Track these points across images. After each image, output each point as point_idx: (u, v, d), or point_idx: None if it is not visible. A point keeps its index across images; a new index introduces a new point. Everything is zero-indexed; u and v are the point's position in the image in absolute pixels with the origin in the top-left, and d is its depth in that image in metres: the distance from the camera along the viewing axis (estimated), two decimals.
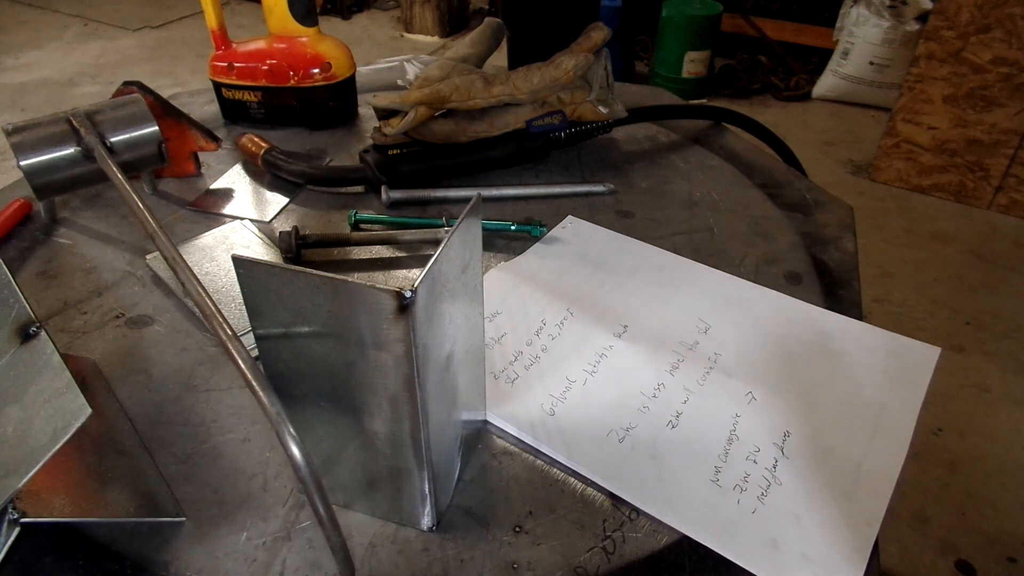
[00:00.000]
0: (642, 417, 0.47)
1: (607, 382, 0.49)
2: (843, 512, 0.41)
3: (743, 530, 0.40)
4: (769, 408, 0.47)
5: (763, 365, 0.51)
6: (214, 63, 0.83)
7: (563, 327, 0.54)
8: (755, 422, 0.46)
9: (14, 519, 0.36)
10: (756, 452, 0.44)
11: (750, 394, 0.48)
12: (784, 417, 0.47)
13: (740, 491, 0.42)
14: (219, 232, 0.65)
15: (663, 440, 0.45)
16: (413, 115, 0.69)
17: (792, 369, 0.51)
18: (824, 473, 0.43)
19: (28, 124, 0.62)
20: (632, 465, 0.44)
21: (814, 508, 0.41)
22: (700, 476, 0.43)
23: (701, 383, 0.49)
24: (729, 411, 0.47)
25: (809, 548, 0.39)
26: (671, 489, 0.42)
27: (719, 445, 0.45)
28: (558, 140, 0.75)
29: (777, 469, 0.43)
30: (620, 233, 0.66)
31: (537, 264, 0.62)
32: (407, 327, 0.31)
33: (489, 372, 0.50)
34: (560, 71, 0.71)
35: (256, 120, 0.86)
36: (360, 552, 0.40)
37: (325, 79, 0.82)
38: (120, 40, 3.44)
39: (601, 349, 0.52)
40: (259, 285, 0.33)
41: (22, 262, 0.63)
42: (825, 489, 0.42)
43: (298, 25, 0.80)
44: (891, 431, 0.46)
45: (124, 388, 0.50)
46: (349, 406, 0.36)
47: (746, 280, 0.60)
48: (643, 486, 0.42)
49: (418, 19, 3.48)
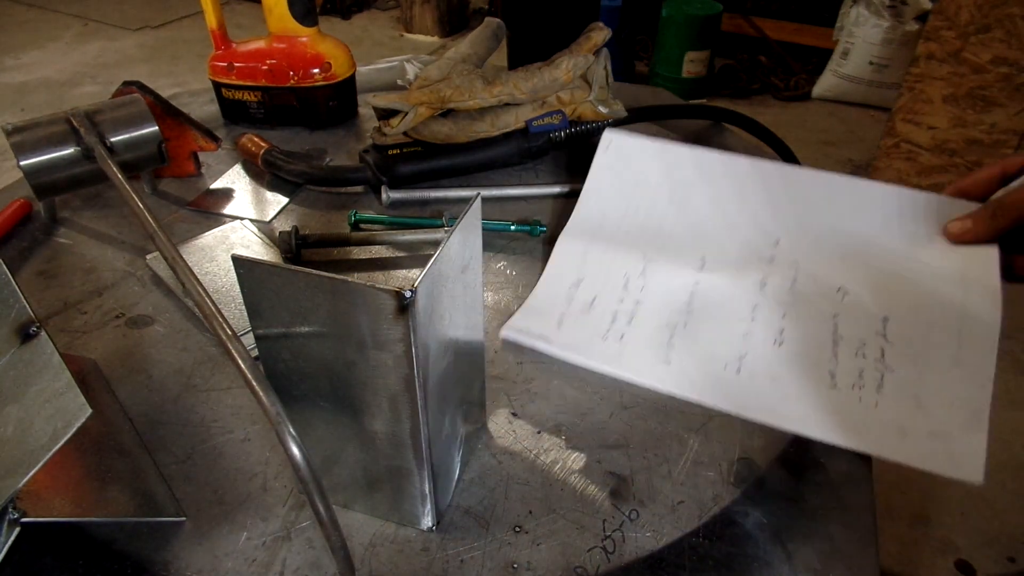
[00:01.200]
0: (749, 343, 0.47)
1: (706, 317, 0.49)
2: (955, 380, 0.42)
3: (872, 425, 0.41)
4: (862, 299, 0.47)
5: (842, 258, 0.51)
6: (214, 63, 0.83)
7: (646, 276, 0.53)
8: (853, 317, 0.47)
9: (14, 519, 0.36)
10: (863, 346, 0.45)
11: (841, 290, 0.48)
12: (878, 304, 0.47)
13: (858, 388, 0.43)
14: (219, 232, 0.65)
15: (775, 359, 0.46)
16: (413, 115, 0.69)
17: (870, 253, 0.51)
18: (929, 348, 0.44)
19: (28, 124, 0.62)
20: (757, 392, 0.44)
21: (929, 385, 0.42)
22: (819, 384, 0.43)
23: (792, 293, 0.49)
24: (827, 313, 0.47)
25: (933, 424, 0.40)
26: (798, 405, 0.43)
27: (827, 349, 0.45)
28: (558, 140, 0.75)
29: (886, 357, 0.44)
30: (657, 137, 0.64)
31: (597, 215, 0.61)
32: (407, 327, 0.31)
33: (595, 335, 0.50)
34: (560, 71, 0.71)
35: (256, 120, 0.86)
36: (360, 552, 0.40)
37: (325, 79, 0.82)
38: (120, 40, 3.45)
39: (689, 287, 0.51)
40: (259, 285, 0.33)
41: (22, 262, 0.63)
42: (934, 363, 0.43)
43: (298, 25, 0.80)
44: (979, 288, 0.46)
45: (124, 388, 0.50)
46: (349, 406, 0.36)
47: (794, 166, 0.59)
48: (775, 409, 0.43)
49: (418, 19, 3.48)
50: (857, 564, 0.40)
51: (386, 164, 0.71)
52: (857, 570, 0.39)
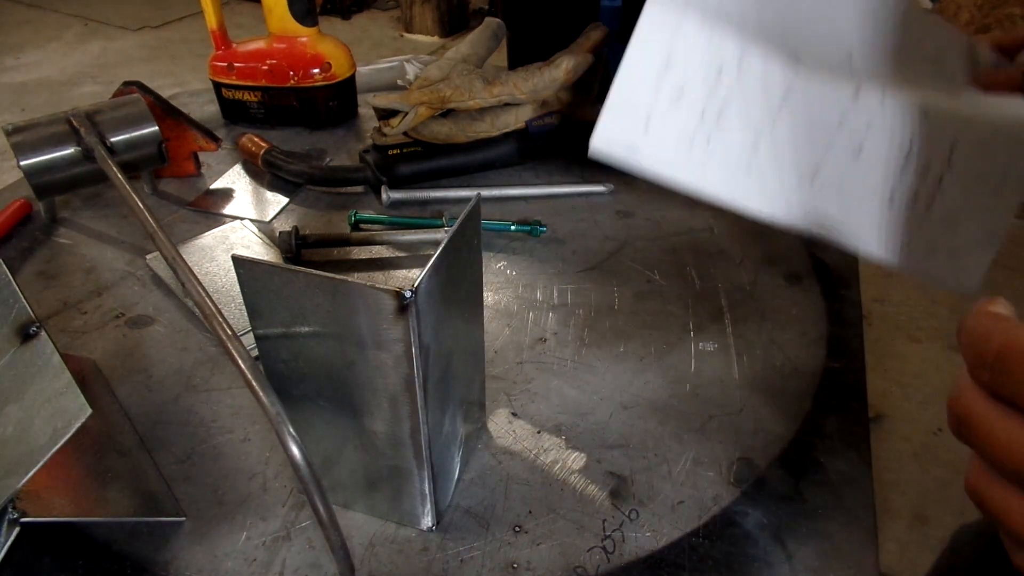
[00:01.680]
0: (830, 154, 0.46)
1: (794, 122, 0.48)
2: (987, 208, 0.44)
3: (911, 242, 0.43)
4: (940, 123, 0.47)
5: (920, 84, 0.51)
6: (214, 63, 0.83)
7: (741, 67, 0.49)
8: (928, 139, 0.47)
9: (14, 519, 0.36)
10: (927, 170, 0.46)
11: (923, 111, 0.48)
12: (951, 130, 0.47)
13: (911, 207, 0.44)
14: (219, 232, 0.65)
15: (848, 171, 0.46)
16: (413, 115, 0.69)
17: (941, 83, 0.51)
18: (979, 179, 0.45)
19: (28, 124, 0.62)
20: (823, 202, 0.45)
21: (967, 210, 0.44)
22: (880, 201, 0.44)
23: (881, 106, 0.48)
24: (906, 133, 0.47)
25: (957, 243, 0.42)
26: (854, 218, 0.44)
27: (896, 167, 0.45)
28: (558, 140, 0.75)
29: (943, 182, 0.45)
30: None
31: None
32: (407, 327, 0.31)
33: (683, 139, 0.47)
34: (560, 71, 0.71)
35: (256, 120, 0.86)
36: (360, 552, 0.40)
37: (325, 79, 0.83)
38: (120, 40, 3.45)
39: (782, 86, 0.49)
40: (259, 285, 0.33)
41: (22, 262, 0.63)
42: (977, 193, 0.44)
43: (298, 25, 0.80)
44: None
45: (124, 388, 0.50)
46: (349, 406, 0.36)
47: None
48: (830, 220, 0.44)
49: (418, 19, 3.48)
50: (857, 564, 0.40)
51: (386, 164, 0.71)
52: (857, 570, 0.39)
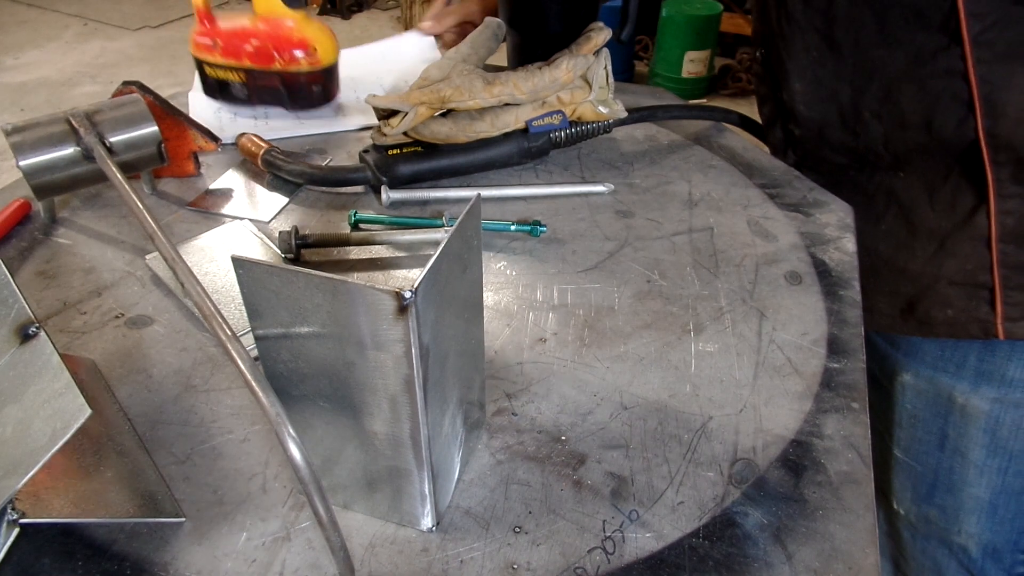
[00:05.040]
0: None
1: None
2: None
3: None
4: None
5: None
6: (197, 39, 0.83)
7: None
8: None
9: (14, 519, 0.36)
10: None
11: None
12: None
13: None
14: (219, 232, 0.65)
15: None
16: (413, 115, 0.69)
17: None
18: None
19: (27, 124, 0.62)
20: None
21: None
22: None
23: None
24: None
25: None
26: None
27: None
28: (558, 140, 0.75)
29: None
30: None
31: None
32: (407, 327, 0.31)
33: None
34: (560, 71, 0.71)
35: (239, 100, 0.85)
36: (360, 553, 0.40)
37: (310, 64, 0.82)
38: (120, 40, 3.45)
39: None
40: (258, 285, 0.33)
41: (21, 262, 0.63)
42: None
43: (285, 7, 0.80)
44: None
45: (124, 388, 0.50)
46: (349, 406, 0.36)
47: None
48: None
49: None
50: (857, 564, 0.40)
51: (386, 164, 0.71)
52: (857, 570, 0.39)
